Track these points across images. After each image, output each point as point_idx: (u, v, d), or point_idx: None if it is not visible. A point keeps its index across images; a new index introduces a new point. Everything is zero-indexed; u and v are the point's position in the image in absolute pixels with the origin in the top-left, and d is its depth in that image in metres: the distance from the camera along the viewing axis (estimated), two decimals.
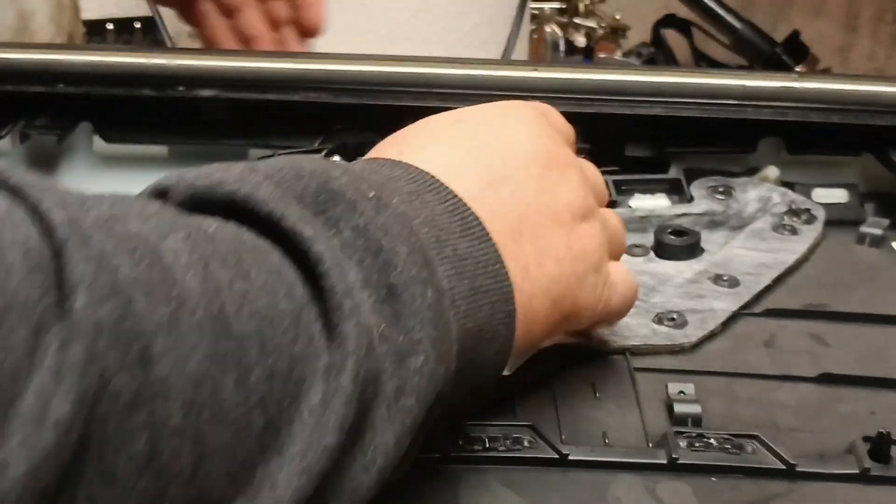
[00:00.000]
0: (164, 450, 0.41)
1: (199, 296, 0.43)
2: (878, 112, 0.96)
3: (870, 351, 0.76)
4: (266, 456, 0.46)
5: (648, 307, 0.79)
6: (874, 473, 0.62)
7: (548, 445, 0.63)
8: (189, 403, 0.42)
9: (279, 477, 0.46)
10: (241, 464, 0.45)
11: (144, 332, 0.40)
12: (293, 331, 0.47)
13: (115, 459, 0.39)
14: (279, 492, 0.45)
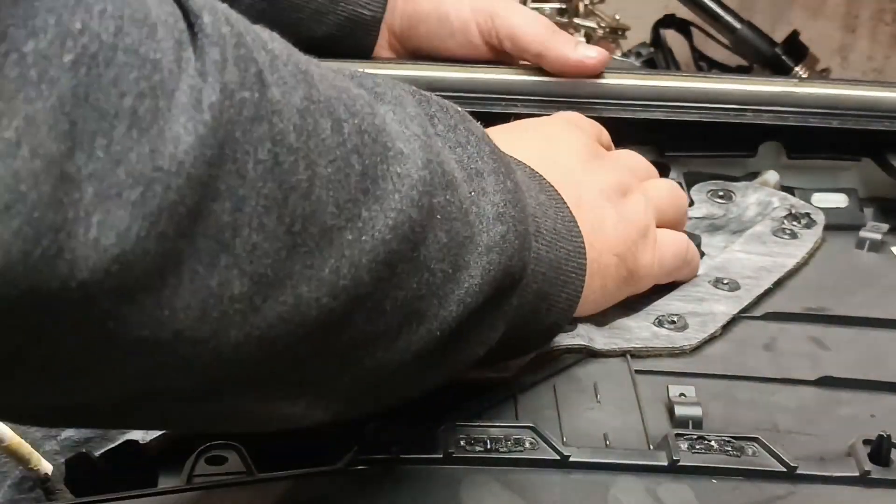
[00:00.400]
0: (285, 161, 0.46)
1: (287, 57, 0.49)
2: (878, 117, 0.97)
3: (869, 354, 0.77)
4: (367, 199, 0.51)
5: (649, 310, 0.80)
6: (874, 476, 0.63)
7: (549, 447, 0.64)
8: (299, 129, 0.47)
9: (378, 220, 0.51)
10: (346, 198, 0.50)
11: (256, 59, 0.46)
12: (370, 108, 0.53)
13: (246, 160, 0.44)
14: (377, 233, 0.51)
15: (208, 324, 0.44)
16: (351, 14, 0.99)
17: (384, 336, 0.54)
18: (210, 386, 0.49)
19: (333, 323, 0.50)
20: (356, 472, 0.64)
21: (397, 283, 0.53)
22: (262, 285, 0.46)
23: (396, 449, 0.64)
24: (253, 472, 0.65)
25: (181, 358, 0.45)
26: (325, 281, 0.49)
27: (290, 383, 0.54)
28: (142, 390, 0.47)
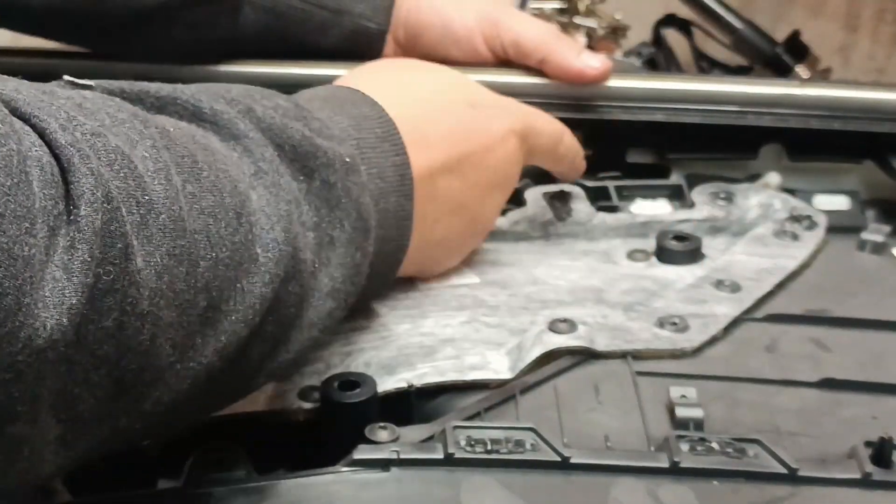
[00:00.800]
0: (129, 328, 0.50)
1: (163, 200, 0.52)
2: (880, 119, 0.98)
3: (871, 356, 0.77)
4: (204, 328, 0.55)
5: (650, 311, 0.80)
6: (876, 478, 0.63)
7: (550, 448, 0.64)
8: (153, 292, 0.51)
9: (209, 345, 0.56)
10: (184, 336, 0.54)
11: (126, 233, 0.49)
12: (235, 224, 0.57)
13: (88, 329, 0.48)
14: (204, 358, 0.56)
15: (25, 461, 0.49)
16: (356, 27, 1.00)
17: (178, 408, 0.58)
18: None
19: (141, 436, 0.59)
20: (356, 472, 0.64)
21: (213, 389, 0.59)
22: (76, 426, 0.51)
23: (396, 449, 0.64)
24: (252, 473, 0.65)
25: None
26: (145, 413, 0.54)
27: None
28: None
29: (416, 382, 0.73)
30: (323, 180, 0.65)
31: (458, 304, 0.83)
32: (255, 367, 0.62)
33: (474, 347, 0.77)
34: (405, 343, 0.78)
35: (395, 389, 0.73)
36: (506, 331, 0.79)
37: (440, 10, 0.99)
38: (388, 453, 0.64)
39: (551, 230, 0.95)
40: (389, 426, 0.67)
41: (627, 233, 0.93)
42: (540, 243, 0.94)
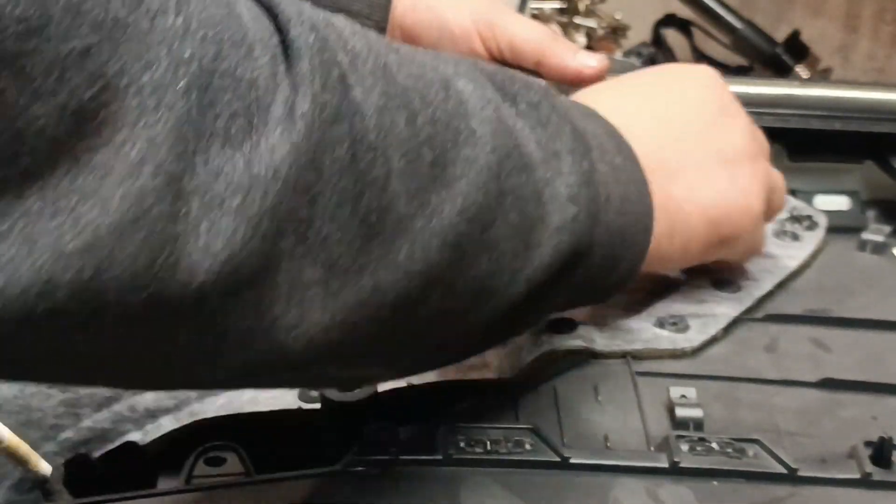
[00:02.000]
0: (362, 159, 0.50)
1: (367, 53, 0.53)
2: (881, 119, 0.98)
3: (871, 356, 0.77)
4: (436, 186, 0.55)
5: (650, 311, 0.81)
6: (876, 478, 0.64)
7: (549, 448, 0.65)
8: (378, 126, 0.51)
9: (446, 205, 0.55)
10: (417, 187, 0.54)
11: (339, 63, 0.50)
12: (443, 93, 0.57)
13: (323, 159, 0.48)
14: (445, 218, 0.55)
15: (295, 308, 0.49)
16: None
17: (454, 313, 0.60)
18: (300, 363, 0.53)
19: (409, 304, 0.55)
20: (355, 473, 0.64)
21: (468, 264, 0.58)
22: (336, 272, 0.51)
23: (396, 450, 0.64)
24: (252, 473, 0.66)
25: (276, 341, 0.49)
26: (401, 266, 0.54)
27: (368, 356, 0.59)
28: (241, 373, 0.51)
29: (415, 382, 0.74)
30: (528, 102, 0.65)
31: None
32: (509, 265, 0.61)
33: None
34: None
35: (394, 389, 0.73)
36: None
37: (436, 10, 0.99)
38: (388, 453, 0.64)
39: None
40: (389, 426, 0.67)
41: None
42: None
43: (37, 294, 0.40)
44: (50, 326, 0.41)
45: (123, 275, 0.41)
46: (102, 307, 0.41)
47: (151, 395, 0.74)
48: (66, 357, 0.44)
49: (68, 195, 0.40)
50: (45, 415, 0.73)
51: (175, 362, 0.48)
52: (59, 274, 0.40)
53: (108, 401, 0.74)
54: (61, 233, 0.39)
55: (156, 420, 0.73)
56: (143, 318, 0.43)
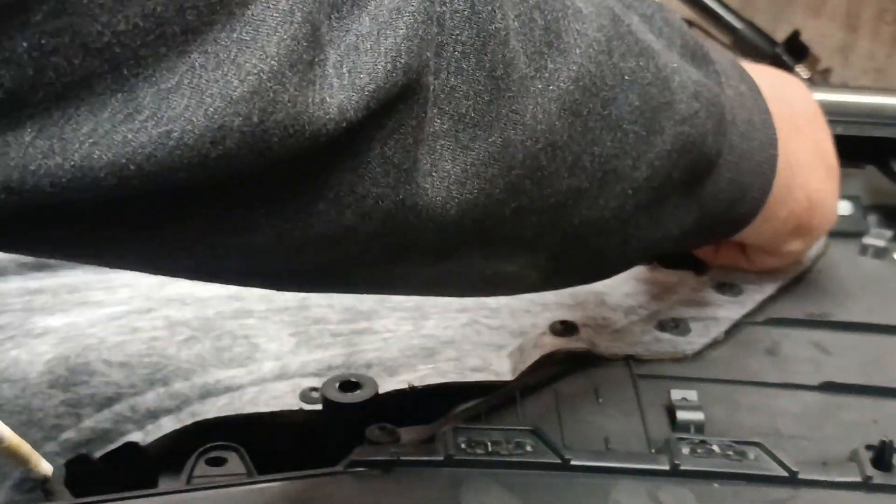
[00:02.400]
0: (482, 11, 0.52)
1: None
2: (882, 124, 0.99)
3: (872, 360, 0.78)
4: (551, 51, 0.56)
5: (651, 314, 0.81)
6: (876, 482, 0.64)
7: (550, 450, 0.65)
8: None
9: (561, 71, 0.57)
10: (533, 49, 0.55)
11: None
12: None
13: (443, 11, 0.50)
14: (561, 83, 0.57)
15: (427, 155, 0.51)
16: None
17: (586, 193, 0.61)
18: (441, 227, 0.54)
19: (539, 171, 0.57)
20: (356, 473, 0.64)
21: (591, 139, 0.60)
22: (465, 125, 0.52)
23: (397, 451, 0.65)
24: (253, 474, 0.66)
25: (416, 185, 0.51)
26: (528, 126, 0.55)
27: (510, 240, 0.61)
28: (383, 229, 0.52)
29: (416, 384, 0.74)
30: (640, 14, 0.66)
31: (459, 306, 0.84)
32: (633, 148, 0.62)
33: (475, 349, 0.78)
34: (406, 345, 0.79)
35: (395, 390, 0.73)
36: (507, 333, 0.80)
37: None
38: (389, 454, 0.64)
39: None
40: (390, 427, 0.68)
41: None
42: None
43: (210, 141, 0.41)
44: (222, 173, 0.43)
45: (286, 118, 0.43)
46: (268, 150, 0.43)
47: (152, 395, 0.75)
48: (233, 204, 0.46)
49: (228, 46, 0.41)
50: (46, 415, 0.73)
51: (324, 209, 0.49)
52: (229, 120, 0.41)
53: (109, 401, 0.74)
54: (227, 81, 0.41)
55: (157, 420, 0.73)
56: (302, 160, 0.45)
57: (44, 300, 0.85)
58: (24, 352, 0.79)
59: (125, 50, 0.39)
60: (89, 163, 0.39)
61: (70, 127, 0.39)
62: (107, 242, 0.46)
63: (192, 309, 0.84)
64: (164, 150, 0.40)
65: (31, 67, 0.37)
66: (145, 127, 0.40)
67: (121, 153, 0.40)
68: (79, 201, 0.40)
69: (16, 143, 0.38)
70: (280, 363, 0.78)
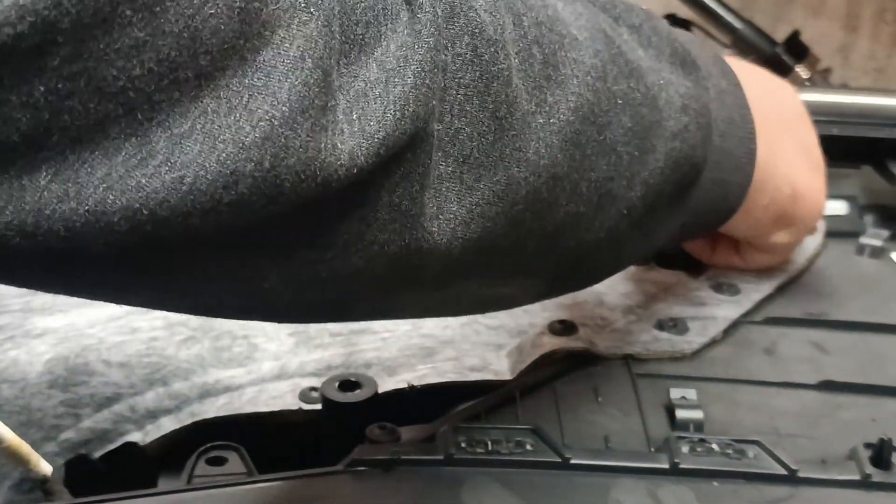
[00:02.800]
0: (484, 53, 0.53)
1: None
2: (878, 125, 0.99)
3: (870, 359, 0.79)
4: (550, 85, 0.58)
5: (650, 314, 0.82)
6: (875, 480, 0.65)
7: (550, 449, 0.65)
8: (493, 23, 0.54)
9: (561, 103, 0.58)
10: (533, 85, 0.57)
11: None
12: (543, 2, 0.60)
13: (444, 56, 0.51)
14: (561, 115, 0.58)
15: (433, 199, 0.52)
16: None
17: (583, 217, 0.62)
18: (444, 263, 0.55)
19: (541, 203, 0.58)
20: (356, 473, 0.64)
21: (589, 166, 0.61)
22: (469, 166, 0.53)
23: (397, 450, 0.65)
24: (253, 473, 0.66)
25: (422, 228, 0.52)
26: (531, 162, 0.56)
27: (509, 267, 0.62)
28: (388, 269, 0.53)
29: (416, 383, 0.74)
30: (629, 25, 0.68)
31: None
32: (627, 169, 0.64)
33: (474, 349, 0.79)
34: (405, 344, 0.79)
35: (395, 390, 0.74)
36: (505, 332, 0.81)
37: None
38: (389, 453, 0.65)
39: None
40: (390, 426, 0.68)
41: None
42: None
43: (223, 186, 0.42)
44: (234, 219, 0.43)
45: (297, 163, 0.44)
46: (280, 195, 0.44)
47: (152, 395, 0.75)
48: (244, 250, 0.47)
49: (240, 92, 0.42)
50: (46, 415, 0.74)
51: (332, 257, 0.50)
52: (241, 165, 0.42)
53: (108, 401, 0.75)
54: (239, 127, 0.42)
55: (156, 420, 0.73)
56: (312, 208, 0.46)
57: (43, 301, 0.85)
58: (24, 352, 0.79)
59: (139, 95, 0.40)
60: (103, 207, 0.40)
61: (84, 171, 0.40)
62: (115, 286, 0.47)
63: None
64: (176, 195, 0.41)
65: (48, 111, 0.38)
66: (159, 172, 0.41)
67: (134, 198, 0.40)
68: (91, 246, 0.41)
69: (31, 186, 0.39)
70: (279, 363, 0.79)
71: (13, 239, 0.40)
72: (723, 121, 0.72)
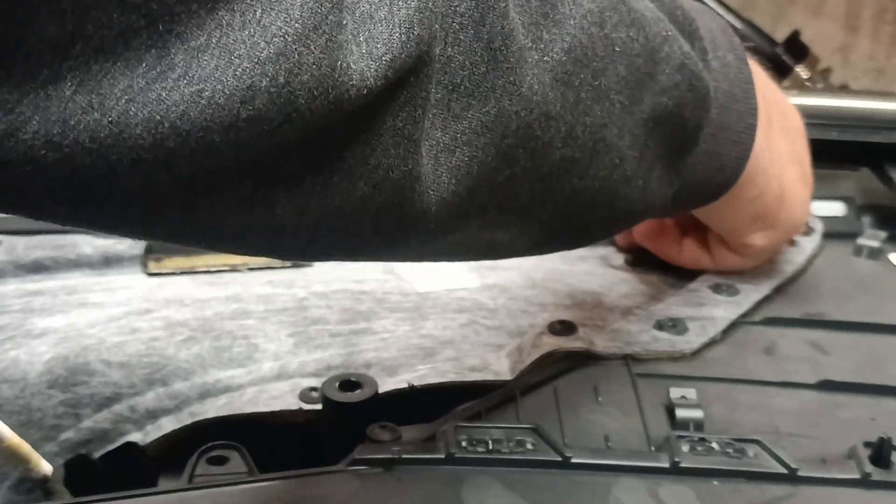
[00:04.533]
0: None
1: None
2: (877, 128, 1.01)
3: (869, 359, 0.80)
4: (547, 23, 0.59)
5: (649, 314, 0.83)
6: (875, 478, 0.66)
7: (551, 448, 0.66)
8: None
9: (556, 42, 0.59)
10: (530, 21, 0.58)
11: None
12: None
13: None
14: (555, 54, 0.59)
15: (421, 122, 0.53)
16: None
17: (578, 163, 0.64)
18: (443, 212, 0.57)
19: (533, 141, 0.59)
20: (357, 472, 0.65)
21: (583, 110, 0.62)
22: (458, 94, 0.54)
23: (398, 449, 0.66)
24: (254, 472, 0.67)
25: (414, 160, 0.53)
26: (523, 96, 0.57)
27: (505, 210, 0.63)
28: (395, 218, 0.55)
29: (416, 383, 0.75)
30: None
31: (457, 307, 0.86)
32: (619, 118, 0.65)
33: (474, 349, 0.80)
34: (405, 345, 0.80)
35: (395, 390, 0.75)
36: (505, 333, 0.82)
37: None
38: (390, 452, 0.66)
39: None
40: (391, 426, 0.69)
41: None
42: None
43: (240, 101, 0.43)
44: (250, 135, 0.44)
45: (311, 80, 0.45)
46: (294, 113, 0.45)
47: (152, 395, 0.76)
48: (258, 176, 0.48)
49: (253, 6, 0.43)
50: (46, 415, 0.75)
51: (338, 181, 0.51)
52: (257, 80, 0.43)
53: (108, 401, 0.75)
54: (254, 42, 0.43)
55: (156, 420, 0.74)
56: (325, 125, 0.47)
57: (42, 301, 0.87)
58: (24, 352, 0.80)
59: (161, 5, 0.41)
60: (126, 119, 0.41)
61: (107, 82, 0.41)
62: (139, 214, 0.47)
63: (191, 310, 0.86)
64: (196, 108, 0.42)
65: (73, 22, 0.39)
66: (178, 85, 0.42)
67: (155, 110, 0.42)
68: (115, 164, 0.42)
69: (57, 96, 0.40)
70: (279, 363, 0.80)
71: (40, 151, 0.41)
72: (723, 94, 0.74)
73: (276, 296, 0.89)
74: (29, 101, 0.40)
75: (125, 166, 0.43)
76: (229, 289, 0.90)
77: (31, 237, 0.95)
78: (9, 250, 0.93)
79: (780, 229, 0.86)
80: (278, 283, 0.92)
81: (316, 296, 0.89)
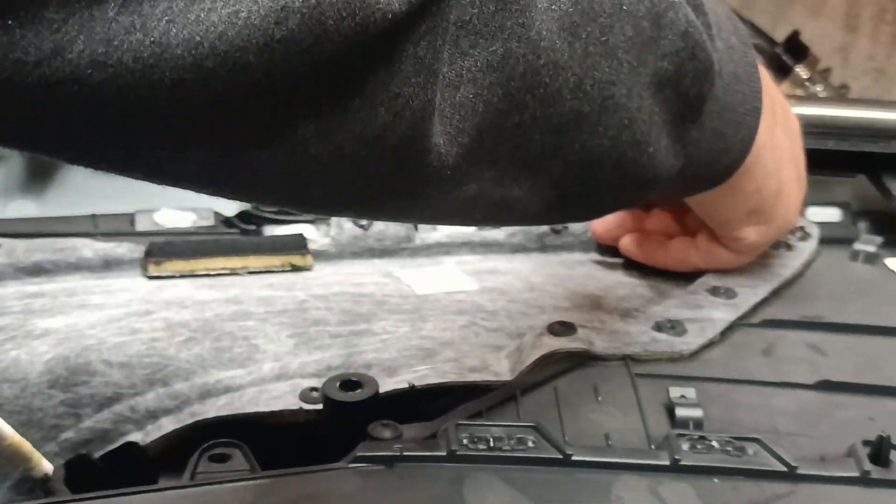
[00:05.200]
0: None
1: None
2: (874, 137, 1.03)
3: (867, 360, 0.81)
4: None
5: (648, 316, 0.85)
6: (874, 476, 0.67)
7: (552, 445, 0.67)
8: None
9: None
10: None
11: None
12: None
13: None
14: (562, 4, 0.61)
15: (439, 54, 0.54)
16: None
17: (587, 118, 0.65)
18: (460, 166, 0.59)
19: (542, 88, 0.60)
20: (359, 469, 0.66)
21: (592, 64, 0.63)
22: (466, 31, 0.55)
23: (399, 447, 0.67)
24: (256, 470, 0.68)
25: (431, 91, 0.54)
26: (532, 40, 0.58)
27: (516, 161, 0.64)
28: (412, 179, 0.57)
29: (416, 383, 0.76)
30: None
31: (456, 309, 0.87)
32: (627, 77, 0.66)
33: (474, 350, 0.81)
34: (405, 346, 0.81)
35: (395, 390, 0.76)
36: (505, 334, 0.83)
37: None
38: (392, 450, 0.66)
39: (547, 242, 0.99)
40: (392, 423, 0.69)
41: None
42: (536, 254, 0.98)
43: (275, 21, 0.45)
44: (282, 56, 0.46)
45: (339, 1, 0.46)
46: (323, 34, 0.46)
47: (152, 395, 0.76)
48: (287, 104, 0.49)
49: None
50: (46, 415, 0.75)
51: (359, 105, 0.52)
52: (290, 1, 0.45)
53: (108, 401, 0.76)
54: None
55: (157, 420, 0.75)
56: (351, 48, 0.48)
57: (43, 303, 0.88)
58: (24, 352, 0.81)
59: None
60: (167, 39, 0.43)
61: (148, 4, 0.42)
62: (173, 145, 0.49)
63: (192, 311, 0.87)
64: (233, 29, 0.44)
65: None
66: (215, 7, 0.43)
67: (195, 31, 0.43)
68: (157, 85, 0.44)
69: (100, 17, 0.42)
70: (279, 364, 0.81)
71: (86, 70, 0.42)
72: (727, 74, 0.75)
73: (276, 298, 0.90)
74: (74, 20, 0.41)
75: (166, 86, 0.44)
76: (229, 291, 0.91)
77: (31, 240, 0.96)
78: (8, 253, 0.94)
79: (773, 226, 0.88)
80: (278, 285, 0.93)
81: (316, 298, 0.90)
